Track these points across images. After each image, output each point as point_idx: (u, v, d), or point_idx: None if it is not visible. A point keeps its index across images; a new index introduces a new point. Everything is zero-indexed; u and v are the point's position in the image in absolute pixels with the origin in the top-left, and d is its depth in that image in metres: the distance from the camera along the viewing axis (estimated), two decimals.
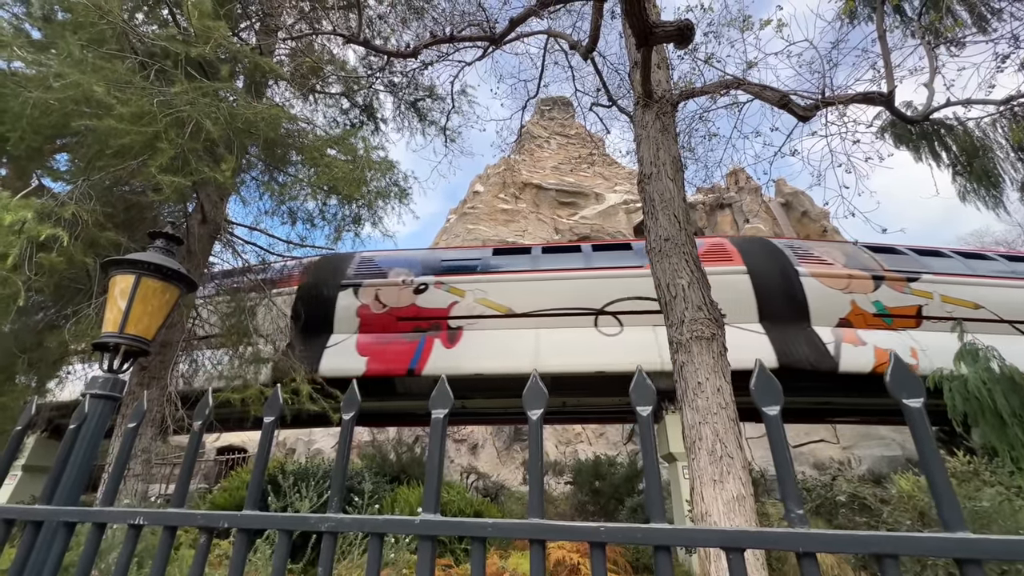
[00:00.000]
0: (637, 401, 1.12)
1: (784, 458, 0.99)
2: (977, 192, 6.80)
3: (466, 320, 8.23)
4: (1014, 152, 6.41)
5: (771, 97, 4.29)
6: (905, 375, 0.97)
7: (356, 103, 9.00)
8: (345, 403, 1.33)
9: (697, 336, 4.30)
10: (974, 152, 6.66)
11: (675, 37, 3.48)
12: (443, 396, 1.25)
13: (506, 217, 32.77)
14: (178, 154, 4.69)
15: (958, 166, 6.91)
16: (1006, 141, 6.40)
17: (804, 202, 31.26)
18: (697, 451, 4.11)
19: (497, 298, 8.30)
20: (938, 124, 6.62)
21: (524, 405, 1.18)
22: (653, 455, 1.09)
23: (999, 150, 6.55)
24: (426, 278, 8.56)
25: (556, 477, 15.64)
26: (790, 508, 0.94)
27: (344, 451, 1.29)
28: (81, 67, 4.44)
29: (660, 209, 4.76)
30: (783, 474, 0.98)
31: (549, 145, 38.67)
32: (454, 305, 8.29)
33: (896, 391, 0.96)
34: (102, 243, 4.74)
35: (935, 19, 5.25)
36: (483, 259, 9.14)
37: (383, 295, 8.46)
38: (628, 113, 8.35)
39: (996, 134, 6.38)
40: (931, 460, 0.92)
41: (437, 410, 1.23)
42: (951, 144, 6.92)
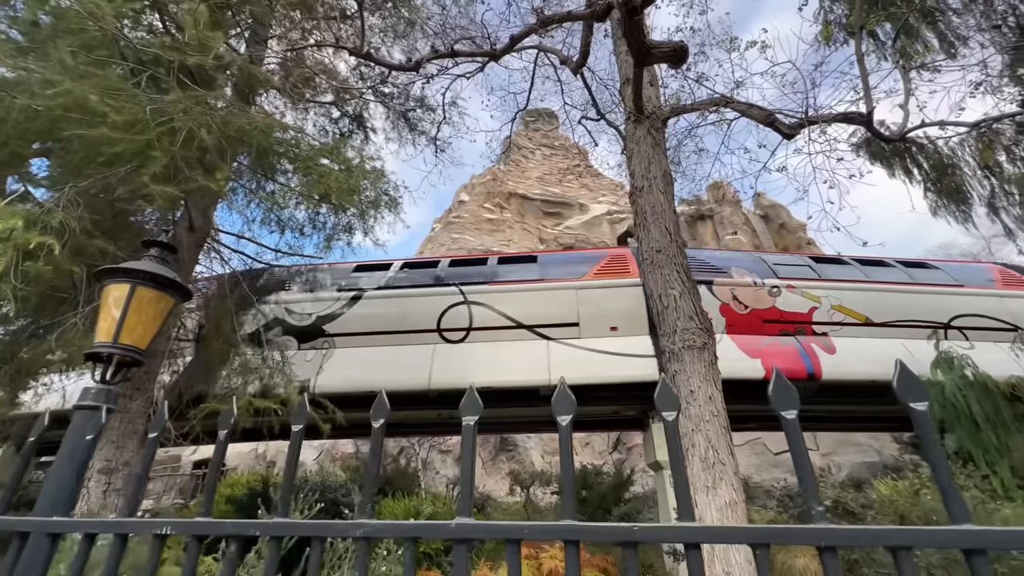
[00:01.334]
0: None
1: (804, 458, 1.06)
2: (947, 207, 7.14)
3: (829, 327, 8.14)
4: (980, 170, 6.77)
5: (757, 115, 4.48)
6: (912, 381, 1.06)
7: (346, 112, 9.02)
8: (374, 410, 1.36)
9: (689, 345, 4.41)
10: (944, 170, 7.01)
11: (671, 57, 3.63)
12: (472, 404, 1.29)
13: (491, 227, 32.91)
14: (170, 162, 4.65)
15: (929, 183, 7.25)
16: (973, 160, 6.76)
17: (782, 214, 32.17)
18: (690, 458, 4.19)
19: (854, 306, 8.28)
20: (910, 143, 6.96)
21: (554, 411, 1.23)
22: (680, 460, 1.15)
23: (967, 168, 6.91)
24: (776, 281, 8.46)
25: (543, 487, 15.61)
26: (811, 505, 1.01)
27: (376, 458, 1.32)
28: (71, 73, 4.38)
29: (652, 221, 4.89)
30: (803, 473, 1.05)
31: (534, 156, 39.08)
32: (814, 310, 8.19)
33: (903, 396, 1.05)
34: (89, 251, 4.64)
35: (907, 44, 5.57)
36: (808, 265, 9.08)
37: (741, 295, 8.34)
38: (616, 127, 8.55)
39: (964, 153, 6.73)
40: (938, 461, 1.00)
41: (467, 417, 1.27)
42: (922, 162, 7.27)
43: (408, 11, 9.13)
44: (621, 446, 18.96)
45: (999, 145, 6.48)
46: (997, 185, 6.69)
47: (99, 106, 4.05)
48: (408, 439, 17.86)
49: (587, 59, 6.79)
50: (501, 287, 8.55)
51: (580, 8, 5.47)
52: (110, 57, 5.04)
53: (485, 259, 9.64)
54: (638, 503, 13.26)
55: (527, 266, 9.08)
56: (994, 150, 6.43)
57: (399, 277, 9.01)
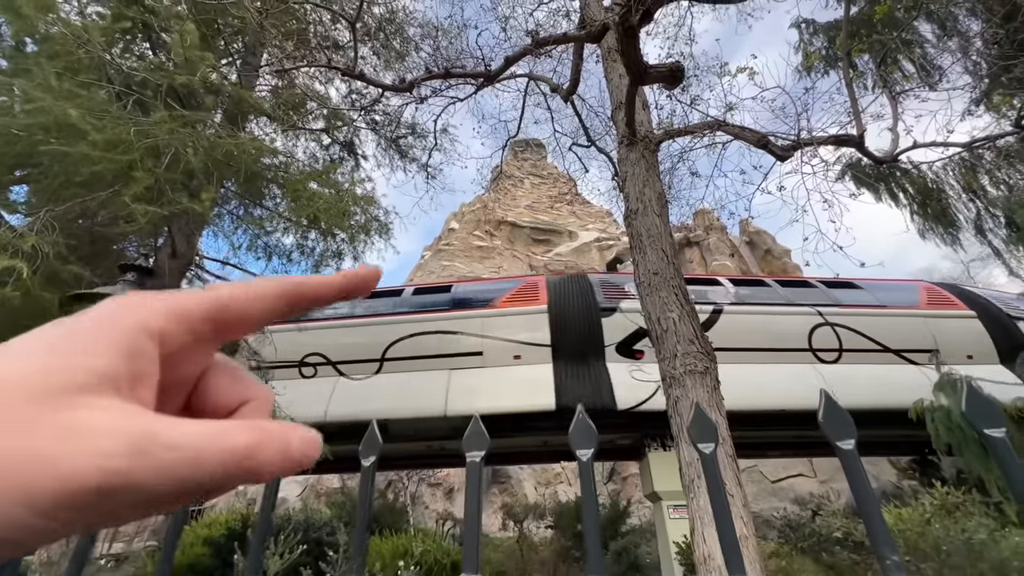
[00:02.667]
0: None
1: (868, 496, 0.91)
2: (935, 230, 7.22)
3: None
4: (965, 193, 6.89)
5: (750, 137, 4.50)
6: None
7: (336, 139, 9.00)
8: (364, 445, 1.19)
9: (690, 370, 4.27)
10: (928, 193, 7.13)
11: (667, 77, 3.64)
12: (478, 437, 1.13)
13: (481, 254, 32.97)
14: (153, 184, 4.50)
15: (915, 206, 7.35)
16: (957, 183, 6.88)
17: (767, 240, 32.73)
18: (696, 490, 3.99)
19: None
20: (895, 167, 7.08)
21: (572, 444, 1.07)
22: (721, 497, 1.00)
23: (951, 191, 7.03)
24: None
25: (536, 521, 15.04)
26: (885, 553, 0.85)
27: (366, 501, 1.14)
28: (55, 94, 4.27)
29: (648, 244, 4.82)
30: (869, 513, 0.90)
31: (523, 185, 39.62)
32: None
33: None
34: (63, 277, 4.42)
35: (890, 71, 5.74)
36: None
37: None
38: (606, 153, 8.63)
39: (948, 177, 6.86)
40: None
41: (473, 453, 1.11)
42: (907, 186, 7.39)
43: (400, 42, 9.28)
44: (616, 476, 18.49)
45: (981, 169, 6.62)
46: (982, 208, 6.80)
47: (80, 124, 3.92)
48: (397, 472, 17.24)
49: (577, 86, 6.88)
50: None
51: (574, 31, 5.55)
52: (96, 80, 4.95)
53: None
54: (636, 536, 12.79)
55: None
56: (977, 174, 6.57)
57: None
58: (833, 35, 7.16)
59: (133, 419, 0.20)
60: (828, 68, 7.40)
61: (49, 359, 0.20)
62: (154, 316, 0.23)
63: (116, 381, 0.21)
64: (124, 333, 0.22)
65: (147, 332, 0.23)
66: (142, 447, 0.19)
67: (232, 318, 0.25)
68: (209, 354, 0.27)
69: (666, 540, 9.10)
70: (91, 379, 0.20)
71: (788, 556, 7.58)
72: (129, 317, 0.22)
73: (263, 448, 0.21)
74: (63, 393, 0.19)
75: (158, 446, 0.19)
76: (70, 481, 0.18)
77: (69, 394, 0.19)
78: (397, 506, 15.14)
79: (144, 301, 0.24)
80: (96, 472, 0.18)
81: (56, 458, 0.18)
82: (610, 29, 3.73)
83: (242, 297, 0.26)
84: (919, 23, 6.39)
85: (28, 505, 0.17)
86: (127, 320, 0.22)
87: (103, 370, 0.21)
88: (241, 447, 0.21)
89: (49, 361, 0.20)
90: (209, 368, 0.28)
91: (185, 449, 0.20)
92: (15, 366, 0.19)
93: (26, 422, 0.18)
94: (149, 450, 0.19)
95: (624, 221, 5.27)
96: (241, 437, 0.21)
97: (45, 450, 0.18)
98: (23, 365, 0.20)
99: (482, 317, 8.29)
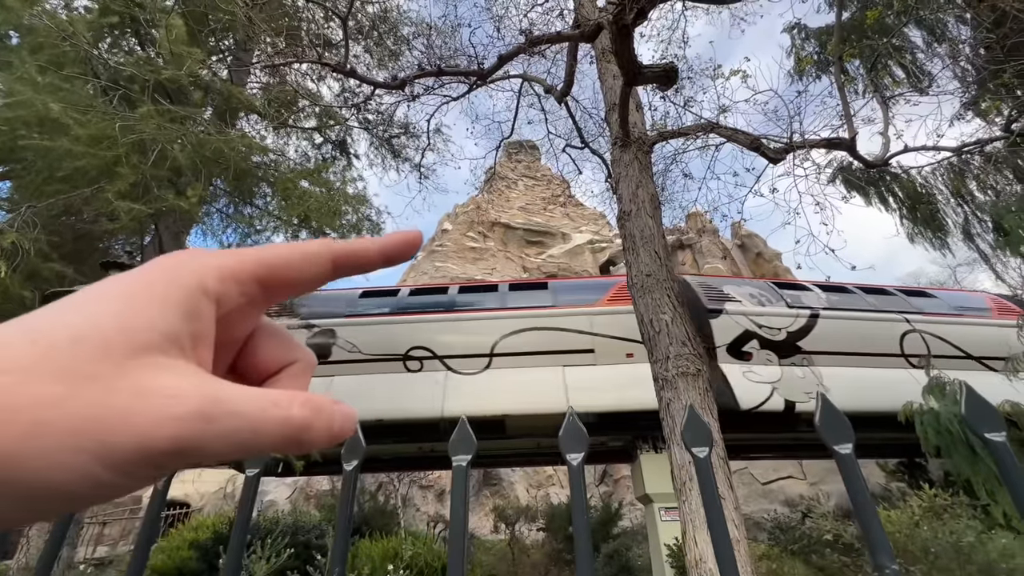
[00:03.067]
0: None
1: (865, 502, 0.89)
2: (924, 234, 7.29)
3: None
4: (954, 198, 6.95)
5: (743, 140, 4.51)
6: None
7: (329, 138, 8.92)
8: (347, 449, 1.15)
9: (683, 372, 4.26)
10: (918, 198, 7.19)
11: (661, 78, 3.63)
12: (465, 440, 1.09)
13: (474, 255, 32.91)
14: (139, 181, 4.41)
15: (904, 210, 7.41)
16: (946, 188, 6.94)
17: (758, 243, 32.99)
18: (688, 492, 3.98)
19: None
20: (885, 172, 7.14)
21: (562, 448, 1.03)
22: (715, 502, 0.96)
23: (940, 196, 7.09)
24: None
25: (528, 524, 14.98)
26: (883, 562, 0.82)
27: (347, 506, 1.10)
28: (37, 88, 4.17)
29: (641, 246, 4.81)
30: (866, 519, 0.87)
31: (517, 186, 39.63)
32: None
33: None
34: (44, 274, 4.32)
35: (881, 75, 5.79)
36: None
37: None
38: (600, 155, 8.63)
39: (937, 181, 6.92)
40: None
41: (459, 456, 1.07)
42: (897, 190, 7.45)
43: (393, 40, 9.22)
44: (608, 478, 18.49)
45: (970, 174, 6.68)
46: (970, 212, 6.86)
47: (63, 118, 3.83)
48: (388, 474, 17.11)
49: (571, 87, 6.87)
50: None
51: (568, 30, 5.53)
52: (81, 74, 4.85)
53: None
54: (627, 539, 12.79)
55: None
56: (965, 179, 6.63)
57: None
58: (825, 40, 7.22)
59: (200, 382, 0.21)
60: (820, 72, 7.46)
61: (121, 317, 0.20)
62: (211, 277, 0.23)
63: (180, 342, 0.21)
64: (185, 292, 0.22)
65: (205, 293, 0.23)
66: (210, 413, 0.20)
67: (280, 280, 0.26)
68: (257, 315, 0.27)
69: (658, 542, 9.09)
70: (159, 339, 0.21)
71: (778, 558, 7.60)
72: (187, 277, 0.23)
73: (314, 423, 0.22)
74: (136, 351, 0.20)
75: (224, 412, 0.20)
76: (146, 440, 0.19)
77: (142, 352, 0.20)
78: (388, 508, 15.00)
79: (199, 258, 0.24)
80: (171, 433, 0.19)
81: (134, 415, 0.19)
82: (604, 29, 3.71)
83: (290, 259, 0.26)
84: (909, 29, 6.46)
85: (104, 460, 0.18)
86: (186, 280, 0.23)
87: (169, 330, 0.21)
88: (297, 421, 0.22)
89: (121, 318, 0.20)
90: (256, 329, 0.29)
91: (248, 418, 0.21)
92: (89, 321, 0.20)
93: (106, 378, 0.19)
94: (216, 416, 0.20)
95: (617, 222, 5.25)
96: (297, 411, 0.22)
97: (124, 407, 0.19)
98: (96, 320, 0.20)
99: (590, 315, 8.33)
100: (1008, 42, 4.67)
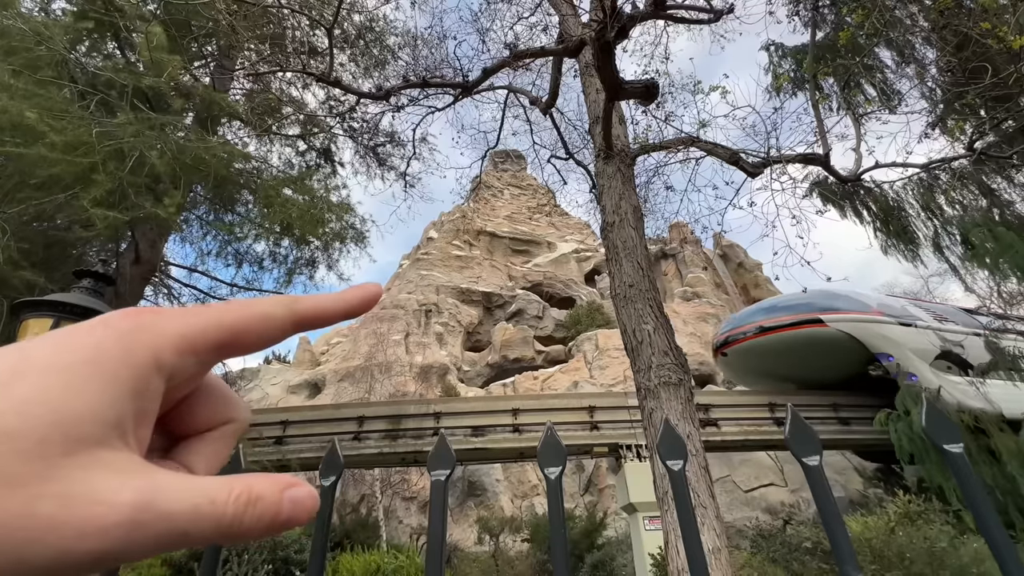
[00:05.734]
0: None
1: (832, 511, 0.91)
2: (896, 247, 7.52)
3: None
4: (924, 212, 7.20)
5: (722, 154, 4.62)
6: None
7: (313, 146, 8.87)
8: (326, 466, 1.14)
9: (665, 382, 4.30)
10: (890, 211, 7.43)
11: (642, 93, 3.71)
12: (444, 456, 1.09)
13: (460, 263, 32.84)
14: (116, 188, 4.33)
15: (878, 223, 7.65)
16: (916, 203, 7.19)
17: (739, 254, 33.62)
18: (670, 502, 4.00)
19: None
20: (859, 186, 7.37)
21: (540, 462, 1.04)
22: (689, 515, 0.98)
23: (911, 210, 7.34)
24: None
25: (512, 535, 14.85)
26: (847, 571, 0.85)
27: (324, 524, 1.09)
28: (10, 92, 4.07)
29: (624, 256, 4.87)
30: (833, 529, 0.90)
31: (503, 196, 39.78)
32: None
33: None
34: (14, 283, 4.19)
35: (853, 93, 6.01)
36: None
37: None
38: (584, 166, 8.74)
39: (908, 196, 7.16)
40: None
41: (437, 472, 1.07)
42: (871, 204, 7.69)
43: (379, 50, 9.24)
44: (592, 487, 18.46)
45: (938, 189, 6.94)
46: (939, 226, 7.11)
47: (38, 125, 3.75)
48: (369, 487, 16.82)
49: (556, 100, 6.97)
50: None
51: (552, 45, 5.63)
52: (57, 78, 4.76)
53: None
54: (612, 548, 12.75)
55: None
56: (934, 193, 6.87)
57: None
58: (801, 58, 7.46)
59: (136, 479, 0.19)
60: (796, 89, 7.70)
61: (60, 404, 0.19)
62: (166, 349, 0.22)
63: (122, 426, 0.20)
64: (136, 371, 0.21)
65: (157, 368, 0.22)
66: (139, 519, 0.19)
67: (239, 344, 0.25)
68: (203, 376, 0.26)
69: (642, 552, 9.10)
70: (100, 431, 0.19)
71: (760, 566, 7.66)
72: (142, 353, 0.21)
73: (248, 518, 0.21)
74: (72, 447, 0.18)
75: (155, 517, 0.19)
76: (66, 555, 0.17)
77: (78, 448, 0.19)
78: (370, 521, 14.73)
79: (158, 325, 0.22)
80: (93, 547, 0.18)
81: (57, 527, 0.17)
82: (587, 45, 3.79)
83: (250, 322, 0.25)
84: (880, 49, 6.72)
85: (18, 571, 0.17)
86: (140, 356, 0.21)
87: (113, 417, 0.20)
88: (228, 518, 0.20)
89: (60, 407, 0.19)
90: (199, 385, 0.27)
91: (179, 520, 0.19)
92: (21, 409, 0.18)
93: (32, 483, 0.17)
94: (146, 522, 0.19)
95: (601, 233, 5.31)
96: (232, 509, 0.21)
97: (47, 518, 0.17)
98: (30, 410, 0.18)
99: None
100: (970, 65, 4.90)
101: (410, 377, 21.76)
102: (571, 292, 33.00)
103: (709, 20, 4.88)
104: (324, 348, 28.25)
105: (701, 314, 28.89)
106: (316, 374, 24.09)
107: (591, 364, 24.58)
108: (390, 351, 22.06)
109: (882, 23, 5.02)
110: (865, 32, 5.61)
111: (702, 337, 26.84)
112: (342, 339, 28.09)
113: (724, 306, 30.43)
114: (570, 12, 5.97)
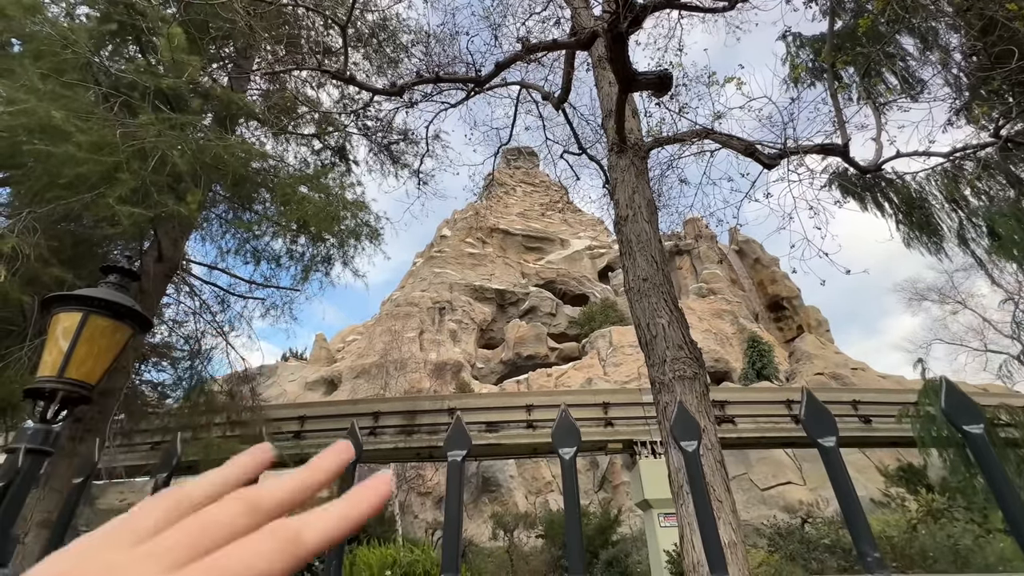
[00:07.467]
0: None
1: (848, 493, 0.91)
2: (919, 239, 7.33)
3: None
4: (948, 203, 7.00)
5: (738, 146, 4.56)
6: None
7: (328, 144, 8.98)
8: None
9: (680, 376, 4.27)
10: (912, 203, 7.24)
11: (655, 84, 3.68)
12: (460, 437, 1.11)
13: (473, 261, 32.95)
14: (139, 186, 4.45)
15: (900, 215, 7.47)
16: (940, 194, 7.00)
17: (756, 249, 33.10)
18: (685, 496, 3.98)
19: None
20: (880, 177, 7.20)
21: (555, 443, 1.06)
22: (703, 497, 0.99)
23: (935, 201, 7.14)
24: None
25: (527, 530, 14.91)
26: (865, 551, 0.85)
27: None
28: (39, 95, 4.21)
29: (638, 250, 4.84)
30: (849, 510, 0.90)
31: (515, 192, 39.75)
32: None
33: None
34: (44, 280, 4.34)
35: (873, 82, 5.87)
36: None
37: None
38: (597, 161, 8.69)
39: (931, 187, 6.97)
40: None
41: (454, 452, 1.09)
42: (892, 196, 7.50)
43: (392, 48, 9.31)
44: (607, 484, 18.41)
45: (963, 179, 6.74)
46: (964, 218, 6.91)
47: (64, 125, 3.87)
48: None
49: (568, 94, 6.94)
50: None
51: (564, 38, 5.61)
52: (82, 81, 4.90)
53: None
54: (626, 545, 12.71)
55: None
56: (959, 184, 6.68)
57: None
58: (819, 48, 7.30)
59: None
60: (814, 79, 7.53)
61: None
62: None
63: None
64: None
65: None
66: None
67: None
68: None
69: (657, 548, 9.06)
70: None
71: (778, 564, 7.58)
72: None
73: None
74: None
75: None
76: None
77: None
78: (386, 515, 14.90)
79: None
80: None
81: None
82: (600, 36, 3.78)
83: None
84: (901, 36, 6.54)
85: None
86: None
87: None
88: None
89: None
90: None
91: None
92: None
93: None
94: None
95: (614, 227, 5.29)
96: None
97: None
98: None
99: None
100: (996, 49, 4.74)
101: (424, 374, 21.95)
102: (584, 289, 32.87)
103: (724, 8, 4.81)
104: (340, 345, 28.64)
105: (716, 310, 28.54)
106: (332, 371, 24.45)
107: (605, 361, 24.48)
108: (405, 348, 22.27)
109: (904, 8, 4.89)
110: (886, 18, 5.48)
111: (718, 334, 26.51)
112: (357, 336, 28.43)
113: (740, 302, 30.01)
114: (582, 5, 5.94)
